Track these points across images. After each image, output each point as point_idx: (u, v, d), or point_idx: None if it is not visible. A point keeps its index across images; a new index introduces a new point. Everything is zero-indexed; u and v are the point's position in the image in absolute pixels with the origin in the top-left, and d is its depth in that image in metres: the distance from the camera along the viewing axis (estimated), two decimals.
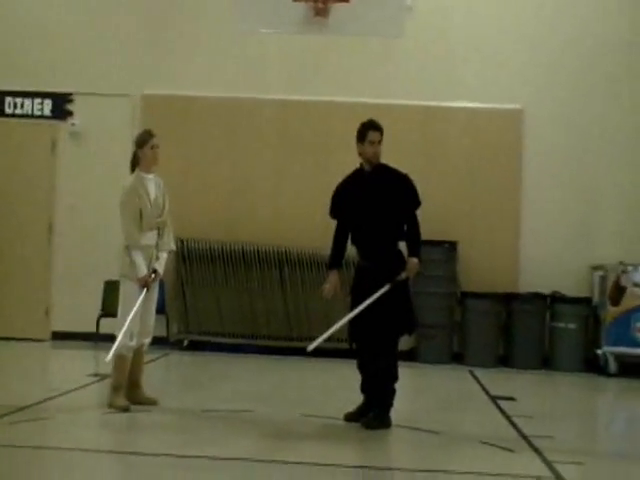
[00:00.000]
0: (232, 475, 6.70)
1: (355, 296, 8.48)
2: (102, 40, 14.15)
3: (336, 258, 8.73)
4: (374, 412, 8.38)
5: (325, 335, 8.40)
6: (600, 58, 13.81)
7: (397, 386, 8.47)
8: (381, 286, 8.26)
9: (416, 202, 8.58)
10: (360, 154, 8.61)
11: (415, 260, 8.41)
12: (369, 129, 8.55)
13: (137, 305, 8.62)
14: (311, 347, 8.25)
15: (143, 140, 8.94)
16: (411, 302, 8.69)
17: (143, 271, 8.72)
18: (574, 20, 13.86)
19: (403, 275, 8.38)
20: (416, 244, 8.51)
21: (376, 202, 8.46)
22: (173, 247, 9.26)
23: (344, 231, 8.71)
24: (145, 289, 8.73)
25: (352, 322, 8.43)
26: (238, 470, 6.81)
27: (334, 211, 8.75)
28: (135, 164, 8.94)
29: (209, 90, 14.02)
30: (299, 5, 11.15)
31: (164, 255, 9.02)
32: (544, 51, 13.87)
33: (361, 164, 8.66)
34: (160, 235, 8.93)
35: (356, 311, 8.31)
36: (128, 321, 8.54)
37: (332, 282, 8.60)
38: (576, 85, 13.85)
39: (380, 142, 8.54)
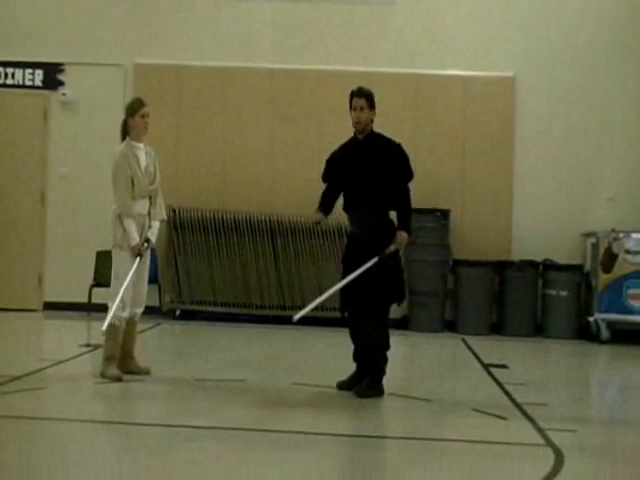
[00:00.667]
0: (224, 444, 6.70)
1: (346, 265, 8.47)
2: (93, 9, 14.08)
3: (324, 204, 8.64)
4: (367, 380, 8.39)
5: (312, 305, 8.31)
6: (593, 28, 13.77)
7: (389, 354, 8.47)
8: (371, 255, 8.23)
9: (407, 174, 8.51)
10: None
11: (404, 234, 8.33)
12: (353, 95, 8.53)
13: (130, 275, 8.61)
14: (297, 317, 8.11)
15: (133, 109, 8.89)
16: (402, 271, 8.68)
17: (135, 239, 8.68)
18: None
19: (392, 248, 8.33)
20: (406, 217, 8.41)
21: (367, 170, 8.41)
22: (164, 216, 9.25)
23: (333, 190, 8.68)
24: (138, 258, 8.72)
25: (343, 291, 8.42)
26: (230, 439, 6.81)
27: (326, 176, 8.74)
28: (125, 132, 8.89)
29: (200, 59, 13.97)
30: None
31: (156, 224, 8.98)
32: (536, 19, 13.82)
33: (355, 132, 8.63)
34: (152, 204, 8.91)
35: (344, 282, 8.29)
36: (122, 291, 8.53)
37: (318, 214, 8.59)
38: (567, 54, 13.81)
39: (363, 108, 8.44)
